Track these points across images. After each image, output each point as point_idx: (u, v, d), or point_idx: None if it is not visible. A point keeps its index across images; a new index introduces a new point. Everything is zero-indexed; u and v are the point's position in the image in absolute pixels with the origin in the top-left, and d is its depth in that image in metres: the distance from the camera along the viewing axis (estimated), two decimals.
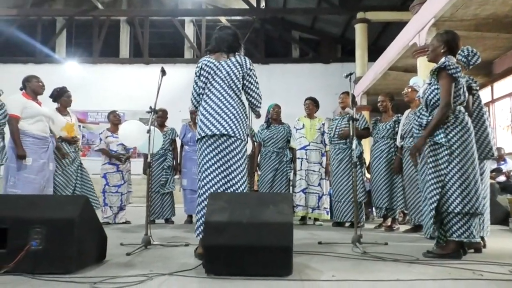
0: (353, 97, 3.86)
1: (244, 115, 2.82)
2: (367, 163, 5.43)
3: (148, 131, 3.37)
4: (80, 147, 4.88)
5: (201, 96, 2.87)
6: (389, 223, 4.91)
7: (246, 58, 2.89)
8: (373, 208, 5.94)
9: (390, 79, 9.99)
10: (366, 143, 7.30)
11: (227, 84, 2.80)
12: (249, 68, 2.85)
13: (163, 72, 3.36)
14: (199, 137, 2.79)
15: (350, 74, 3.61)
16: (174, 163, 5.57)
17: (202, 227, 2.65)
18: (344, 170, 5.07)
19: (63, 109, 4.75)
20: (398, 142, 4.70)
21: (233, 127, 2.73)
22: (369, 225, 5.43)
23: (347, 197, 5.01)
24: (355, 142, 3.49)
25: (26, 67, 13.12)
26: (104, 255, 2.59)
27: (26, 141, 3.90)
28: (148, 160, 3.45)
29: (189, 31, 15.70)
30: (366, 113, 10.67)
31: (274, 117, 5.60)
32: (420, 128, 2.92)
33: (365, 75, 11.21)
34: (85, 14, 14.86)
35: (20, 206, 2.28)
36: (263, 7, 14.73)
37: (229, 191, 2.70)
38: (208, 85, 2.83)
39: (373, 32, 13.26)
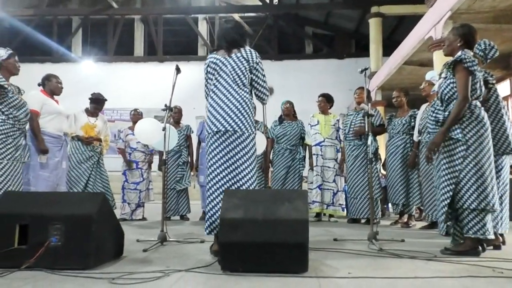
0: (368, 92, 3.83)
1: (250, 109, 2.80)
2: (383, 159, 5.39)
3: (163, 129, 3.40)
4: (100, 147, 4.95)
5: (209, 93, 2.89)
6: (405, 220, 4.86)
7: (252, 51, 2.87)
8: (389, 205, 5.89)
9: (405, 74, 9.86)
10: (382, 139, 7.23)
11: (233, 80, 2.79)
12: (256, 62, 2.84)
13: (178, 70, 3.38)
14: (207, 133, 2.81)
15: (365, 69, 3.58)
16: (190, 159, 5.61)
17: (214, 224, 2.65)
18: (360, 166, 5.03)
19: (90, 113, 4.94)
20: (415, 137, 4.64)
21: (239, 122, 2.72)
22: (385, 221, 5.38)
23: (362, 193, 4.98)
24: (370, 138, 3.46)
25: (44, 66, 13.36)
26: (121, 251, 2.62)
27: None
28: (164, 157, 3.49)
29: (203, 28, 15.75)
30: (381, 109, 10.55)
31: (285, 113, 5.58)
32: (436, 124, 2.87)
33: (379, 70, 11.09)
34: (100, 13, 15.03)
35: (40, 203, 2.33)
36: (276, 3, 14.68)
37: (235, 186, 2.68)
38: (215, 81, 2.84)
39: (388, 26, 13.10)
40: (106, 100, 5.11)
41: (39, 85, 4.16)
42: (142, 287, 1.88)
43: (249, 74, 2.82)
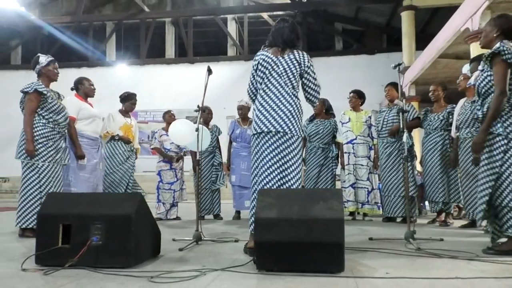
0: (400, 87, 3.73)
1: (299, 111, 2.81)
2: (418, 156, 5.25)
3: (197, 129, 3.44)
4: (135, 148, 5.08)
5: (258, 91, 2.88)
6: (442, 218, 4.72)
7: (305, 54, 2.85)
8: (425, 203, 5.73)
9: (440, 68, 9.56)
10: (416, 135, 7.04)
11: (284, 81, 2.78)
12: (307, 66, 2.82)
13: (210, 71, 3.41)
14: (255, 132, 2.81)
15: (399, 64, 3.50)
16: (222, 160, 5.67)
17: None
18: (394, 164, 4.91)
19: (125, 112, 5.06)
20: (453, 133, 4.49)
21: (289, 124, 2.72)
22: (422, 220, 5.24)
23: (397, 191, 4.86)
24: (405, 134, 3.38)
25: (80, 71, 13.81)
26: (158, 250, 2.68)
27: (81, 142, 4.08)
28: (197, 157, 3.53)
29: (232, 28, 15.85)
30: (415, 104, 10.27)
31: (316, 112, 5.53)
32: (476, 121, 2.76)
33: (413, 65, 10.79)
34: (132, 18, 15.41)
35: (81, 203, 2.41)
36: (305, 1, 14.57)
37: (284, 187, 2.70)
38: (266, 80, 2.82)
39: (421, 19, 12.73)
40: (135, 94, 5.18)
41: (72, 89, 4.26)
42: (179, 286, 1.91)
43: (299, 77, 2.82)
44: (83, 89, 4.24)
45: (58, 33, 14.85)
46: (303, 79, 2.83)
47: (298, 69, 2.80)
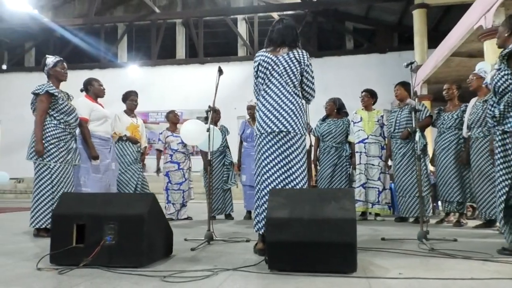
0: (410, 86, 3.69)
1: (301, 110, 2.80)
2: (430, 155, 5.19)
3: (208, 130, 3.46)
4: (142, 148, 5.12)
5: (260, 92, 2.89)
6: (451, 218, 4.67)
7: (304, 52, 2.86)
8: (439, 203, 5.67)
9: (453, 66, 9.45)
10: (429, 134, 6.96)
11: (285, 80, 2.79)
12: (307, 64, 2.83)
13: (220, 72, 3.41)
14: (258, 133, 2.82)
15: (411, 63, 3.47)
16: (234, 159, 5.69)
17: (262, 223, 2.68)
18: (408, 163, 4.86)
19: (129, 111, 5.05)
20: (465, 132, 4.44)
21: (292, 123, 2.72)
22: (435, 220, 5.19)
23: (411, 191, 4.81)
24: (418, 134, 3.35)
25: (92, 73, 13.92)
26: (171, 250, 2.69)
27: (94, 142, 4.11)
28: (208, 157, 3.55)
29: (242, 29, 15.88)
30: (427, 103, 10.18)
31: (327, 112, 5.50)
32: (493, 119, 2.72)
33: (425, 63, 10.69)
34: (143, 19, 15.52)
35: (95, 203, 2.44)
36: (315, 0, 14.51)
37: (288, 186, 2.70)
38: (266, 80, 2.84)
39: (433, 17, 12.60)
40: (135, 91, 5.14)
41: (81, 90, 4.28)
42: (192, 285, 1.92)
43: (299, 75, 2.82)
44: (93, 90, 4.25)
45: (70, 35, 15.04)
46: (302, 77, 2.84)
47: (299, 68, 2.80)
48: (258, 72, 2.87)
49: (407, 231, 3.89)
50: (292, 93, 2.78)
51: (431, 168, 5.63)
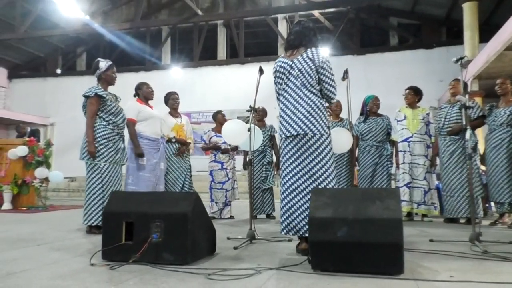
0: (465, 84, 3.53)
1: (321, 110, 2.79)
2: (481, 154, 4.95)
3: (249, 129, 3.48)
4: (190, 148, 5.25)
5: (279, 97, 2.94)
6: (506, 219, 4.42)
7: (318, 50, 2.84)
8: (491, 203, 5.39)
9: (507, 61, 8.92)
10: (479, 131, 6.62)
11: (301, 82, 2.81)
12: (321, 61, 2.79)
13: (261, 71, 3.42)
14: (281, 138, 2.88)
15: (461, 58, 3.32)
16: (274, 159, 5.67)
17: (292, 224, 2.71)
18: (457, 162, 4.66)
19: (173, 112, 5.19)
20: None
21: (309, 125, 2.73)
22: (487, 221, 4.93)
23: (461, 191, 4.61)
24: (469, 132, 3.19)
25: (138, 75, 14.44)
26: (214, 248, 2.74)
27: (141, 143, 4.30)
28: (249, 157, 3.57)
29: (282, 28, 15.82)
30: (478, 99, 9.68)
31: (373, 110, 5.37)
32: None
33: (475, 58, 10.17)
34: (186, 22, 15.85)
35: (142, 202, 2.52)
36: None
37: (311, 186, 2.68)
38: (284, 85, 2.89)
39: (484, 10, 11.96)
40: (174, 91, 5.28)
41: (134, 95, 4.53)
42: (236, 284, 1.94)
43: (316, 74, 2.80)
44: (142, 93, 4.48)
45: (118, 39, 15.64)
46: (319, 74, 2.80)
47: (313, 67, 2.78)
48: (276, 78, 2.93)
49: (458, 233, 3.73)
50: (308, 94, 2.79)
51: (482, 167, 5.37)
